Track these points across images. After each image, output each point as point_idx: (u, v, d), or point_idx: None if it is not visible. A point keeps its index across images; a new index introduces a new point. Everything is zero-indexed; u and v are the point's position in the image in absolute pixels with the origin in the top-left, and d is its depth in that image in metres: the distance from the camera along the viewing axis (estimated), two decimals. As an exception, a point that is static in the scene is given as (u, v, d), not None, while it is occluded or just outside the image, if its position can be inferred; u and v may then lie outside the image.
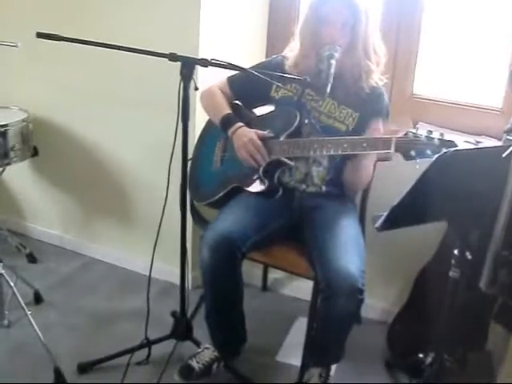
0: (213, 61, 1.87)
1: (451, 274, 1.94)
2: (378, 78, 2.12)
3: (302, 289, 2.66)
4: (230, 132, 2.17)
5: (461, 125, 2.51)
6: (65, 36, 1.88)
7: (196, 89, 1.91)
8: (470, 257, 1.91)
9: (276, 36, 2.79)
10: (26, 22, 2.70)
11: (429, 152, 1.77)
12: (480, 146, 2.04)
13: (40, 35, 1.89)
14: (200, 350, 2.26)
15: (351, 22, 2.01)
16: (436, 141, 1.77)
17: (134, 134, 2.78)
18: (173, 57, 1.87)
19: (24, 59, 2.75)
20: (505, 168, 1.65)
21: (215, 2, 2.51)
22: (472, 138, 2.39)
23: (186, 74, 1.88)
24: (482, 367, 2.38)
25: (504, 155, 1.63)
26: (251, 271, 2.71)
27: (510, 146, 1.61)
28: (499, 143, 2.32)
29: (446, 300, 1.98)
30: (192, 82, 1.89)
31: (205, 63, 1.88)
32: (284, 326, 2.62)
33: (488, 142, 2.39)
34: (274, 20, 2.79)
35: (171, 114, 1.94)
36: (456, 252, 1.91)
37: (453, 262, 1.93)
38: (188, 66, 1.87)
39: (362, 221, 2.34)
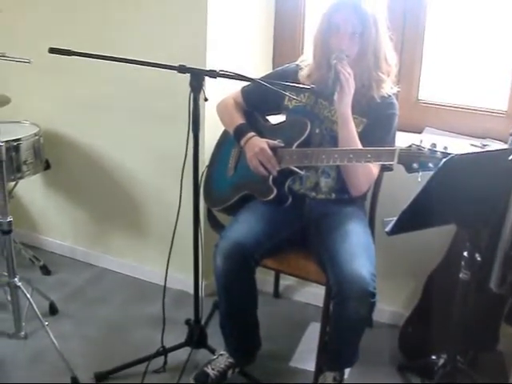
0: (221, 72, 1.92)
1: (461, 275, 1.97)
2: (389, 88, 2.14)
3: (313, 294, 2.70)
4: (242, 141, 2.21)
5: (467, 128, 2.55)
6: (76, 51, 1.93)
7: (206, 99, 1.95)
8: (479, 258, 1.94)
9: (282, 45, 2.84)
10: (37, 38, 2.75)
11: (431, 165, 1.78)
12: (486, 149, 2.08)
13: (53, 50, 1.93)
14: (215, 356, 2.28)
15: (360, 31, 2.02)
16: (439, 154, 1.77)
17: (144, 145, 2.82)
18: (182, 69, 1.92)
19: (34, 74, 2.78)
20: (511, 170, 1.69)
21: (221, 14, 2.56)
22: (478, 141, 2.45)
23: (196, 86, 1.92)
24: (493, 368, 2.40)
25: (510, 158, 1.67)
26: (263, 278, 2.73)
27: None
28: (505, 146, 2.35)
29: (456, 302, 2.01)
30: (202, 92, 1.93)
31: (213, 74, 1.92)
32: (297, 331, 2.64)
33: (494, 145, 2.42)
34: (279, 30, 2.84)
35: (181, 124, 1.98)
36: (465, 254, 1.94)
37: (462, 263, 1.96)
38: (197, 78, 1.91)
39: (371, 225, 2.37)
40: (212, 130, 2.52)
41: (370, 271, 1.97)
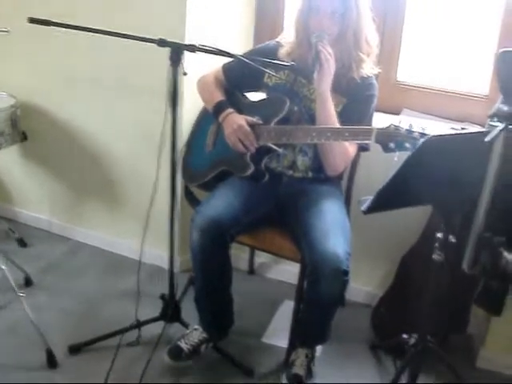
0: (201, 46, 1.91)
1: (434, 256, 1.98)
2: (369, 68, 2.14)
3: (287, 272, 2.71)
4: (220, 118, 2.21)
5: (446, 112, 2.56)
6: (56, 21, 1.91)
7: (185, 74, 1.93)
8: (453, 240, 1.96)
9: (263, 23, 2.82)
10: (18, 8, 2.69)
11: (408, 145, 1.79)
12: (464, 131, 2.09)
13: (32, 20, 1.91)
14: (188, 331, 2.30)
15: (341, 10, 2.02)
16: (416, 134, 1.78)
17: (122, 119, 2.80)
18: (162, 42, 1.90)
19: (12, 45, 2.75)
20: (487, 153, 1.70)
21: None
22: (458, 125, 2.46)
23: (175, 60, 1.91)
24: (463, 349, 2.45)
25: (486, 139, 1.68)
26: (238, 255, 2.75)
27: (492, 131, 1.66)
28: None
29: (429, 283, 2.04)
30: (180, 67, 1.92)
31: (193, 49, 1.91)
32: (270, 308, 2.66)
33: (473, 129, 2.43)
34: (261, 7, 2.81)
35: (159, 98, 1.97)
36: (439, 235, 1.96)
37: (436, 245, 1.98)
38: (176, 52, 1.90)
39: (347, 205, 2.39)
40: (191, 106, 2.50)
41: (344, 249, 1.99)
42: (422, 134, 1.78)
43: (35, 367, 2.21)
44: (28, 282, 2.69)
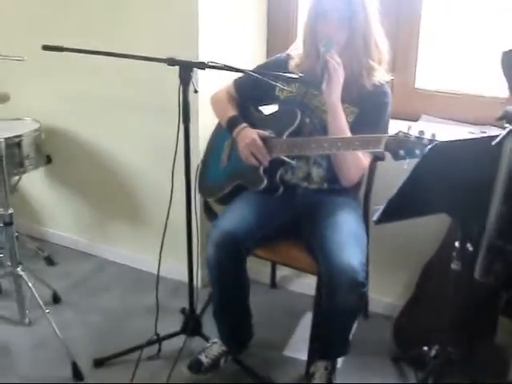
0: (210, 63, 1.94)
1: (453, 266, 1.95)
2: (381, 76, 2.12)
3: (309, 285, 2.67)
4: (234, 133, 2.24)
5: (467, 116, 2.51)
6: (67, 47, 1.96)
7: (195, 91, 1.96)
8: (471, 249, 1.92)
9: (276, 35, 2.85)
10: (32, 35, 2.78)
11: (417, 152, 1.76)
12: (471, 136, 2.06)
13: (45, 47, 1.98)
14: (208, 344, 2.32)
15: (348, 16, 2.01)
16: (426, 141, 1.75)
17: (140, 138, 2.86)
18: (171, 61, 1.93)
19: (32, 71, 2.84)
20: (497, 157, 1.68)
21: (213, 5, 2.57)
22: (477, 129, 2.42)
23: (185, 78, 1.94)
24: (492, 361, 2.39)
25: (494, 143, 1.66)
26: (260, 269, 2.76)
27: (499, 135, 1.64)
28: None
29: (448, 293, 2.00)
30: (191, 85, 1.96)
31: (202, 66, 1.95)
32: (292, 321, 2.66)
33: (492, 132, 2.39)
34: (273, 18, 2.85)
35: (175, 115, 2.00)
36: (457, 244, 1.93)
37: (454, 254, 1.95)
38: (186, 70, 1.93)
39: (365, 216, 2.37)
40: (207, 122, 2.54)
41: (360, 261, 1.97)
42: (432, 141, 1.75)
43: (62, 380, 2.28)
44: (56, 299, 2.76)
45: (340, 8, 2.02)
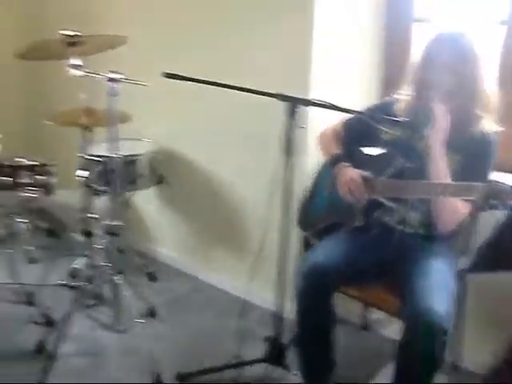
0: (315, 101, 2.02)
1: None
2: (488, 125, 2.09)
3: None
4: (335, 170, 2.30)
5: None
6: (188, 77, 2.12)
7: (301, 127, 2.05)
8: None
9: (391, 76, 2.88)
10: (157, 61, 3.05)
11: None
12: None
13: (167, 75, 2.14)
14: (290, 374, 2.34)
15: (457, 63, 2.02)
16: None
17: (251, 169, 2.99)
18: (280, 96, 2.04)
19: (157, 96, 3.01)
20: None
21: (328, 43, 2.68)
22: None
23: (291, 113, 2.04)
24: None
25: None
26: (351, 309, 2.76)
27: None
28: None
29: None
30: (297, 120, 2.05)
31: (307, 103, 2.04)
32: (376, 366, 2.61)
33: None
34: (388, 61, 2.90)
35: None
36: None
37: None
38: (292, 105, 2.03)
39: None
40: (316, 157, 2.60)
41: (446, 308, 1.93)
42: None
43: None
44: (151, 313, 2.91)
45: (450, 54, 2.03)
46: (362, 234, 2.23)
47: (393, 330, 2.79)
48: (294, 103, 2.03)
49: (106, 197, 3.10)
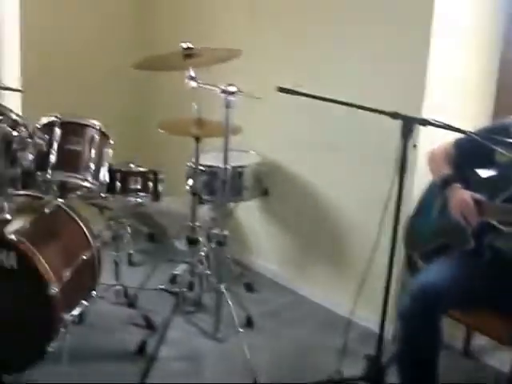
0: (432, 121, 1.99)
1: None
2: None
3: (505, 361, 2.55)
4: (447, 191, 2.26)
5: None
6: (301, 91, 2.15)
7: (414, 146, 2.03)
8: None
9: (504, 98, 2.82)
10: (269, 74, 3.10)
11: None
12: None
13: (281, 89, 2.17)
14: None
15: None
16: None
17: (355, 185, 2.98)
18: (395, 115, 2.03)
19: (265, 108, 3.08)
20: None
21: (442, 64, 2.65)
22: None
23: (406, 132, 2.01)
24: None
25: None
26: (454, 333, 2.68)
27: None
28: None
29: None
30: (411, 139, 2.03)
31: (424, 123, 2.01)
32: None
33: None
34: (503, 82, 2.83)
35: (389, 165, 2.08)
36: None
37: None
38: (408, 125, 2.00)
39: None
40: (422, 176, 2.57)
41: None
42: None
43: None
44: (249, 323, 2.95)
45: None
46: (474, 258, 2.17)
47: (499, 358, 2.70)
48: (411, 122, 2.01)
49: (210, 206, 3.20)
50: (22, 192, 2.54)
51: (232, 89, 2.43)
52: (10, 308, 2.31)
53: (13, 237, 2.26)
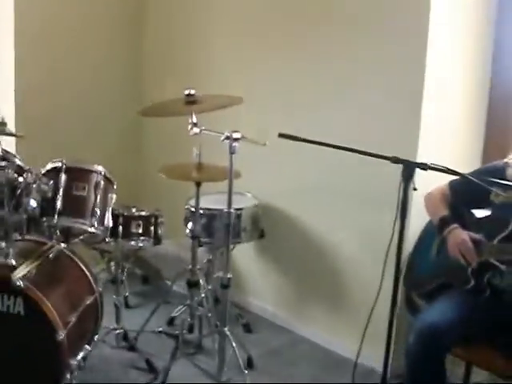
0: (432, 165, 2.08)
1: None
2: None
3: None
4: (445, 232, 2.35)
5: None
6: (300, 137, 2.22)
7: (414, 189, 2.10)
8: None
9: (492, 142, 2.95)
10: (268, 123, 3.17)
11: None
12: None
13: (282, 135, 2.25)
14: None
15: None
16: None
17: (353, 227, 3.04)
18: (395, 160, 2.10)
19: (260, 153, 3.10)
20: None
21: (434, 112, 2.77)
22: None
23: (407, 176, 2.09)
24: None
25: None
26: (453, 369, 2.69)
27: None
28: None
29: None
30: (411, 183, 2.11)
31: (424, 167, 2.09)
32: None
33: None
34: (491, 130, 2.96)
35: (387, 209, 2.14)
36: None
37: None
38: (409, 169, 2.08)
39: None
40: (418, 218, 2.64)
41: None
42: None
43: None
44: (250, 364, 2.96)
45: None
46: (474, 296, 2.25)
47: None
48: (411, 167, 2.09)
49: (207, 248, 3.24)
50: (25, 237, 2.56)
51: (236, 135, 2.49)
52: (17, 354, 2.30)
53: (20, 283, 2.27)
